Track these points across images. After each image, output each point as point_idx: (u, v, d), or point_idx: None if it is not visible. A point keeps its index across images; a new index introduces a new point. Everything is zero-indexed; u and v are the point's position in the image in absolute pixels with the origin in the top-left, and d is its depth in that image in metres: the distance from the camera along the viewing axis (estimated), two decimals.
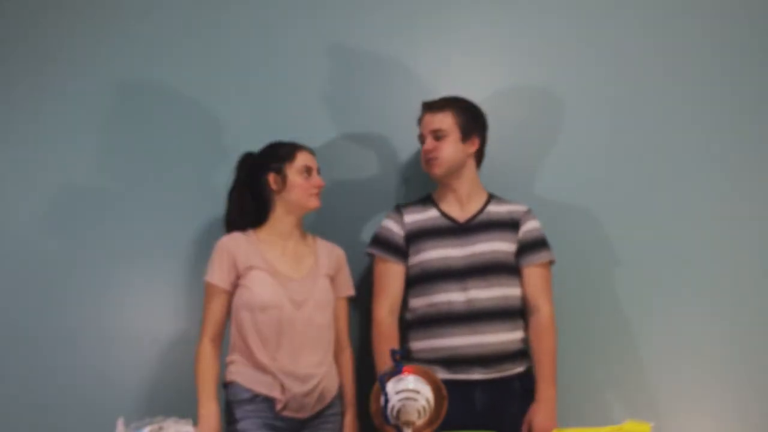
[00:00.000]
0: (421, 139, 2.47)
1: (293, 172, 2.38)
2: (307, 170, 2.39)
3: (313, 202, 2.40)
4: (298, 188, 2.38)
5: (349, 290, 2.49)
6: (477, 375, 2.34)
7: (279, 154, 2.40)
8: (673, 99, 2.77)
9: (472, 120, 2.46)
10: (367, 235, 2.58)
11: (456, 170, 2.44)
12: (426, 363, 2.25)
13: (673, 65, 2.78)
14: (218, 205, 2.65)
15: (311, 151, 2.44)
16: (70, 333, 2.62)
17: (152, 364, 2.63)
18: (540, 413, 2.32)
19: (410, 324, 2.44)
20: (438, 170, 2.43)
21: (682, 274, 2.69)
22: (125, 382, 2.61)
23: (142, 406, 2.55)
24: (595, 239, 2.71)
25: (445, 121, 2.42)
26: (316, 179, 2.41)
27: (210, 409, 2.24)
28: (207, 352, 2.30)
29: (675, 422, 2.61)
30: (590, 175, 2.74)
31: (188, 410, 2.20)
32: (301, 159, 2.39)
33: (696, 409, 2.64)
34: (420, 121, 2.49)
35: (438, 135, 2.42)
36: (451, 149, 2.42)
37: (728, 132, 2.75)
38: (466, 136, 2.44)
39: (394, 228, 2.46)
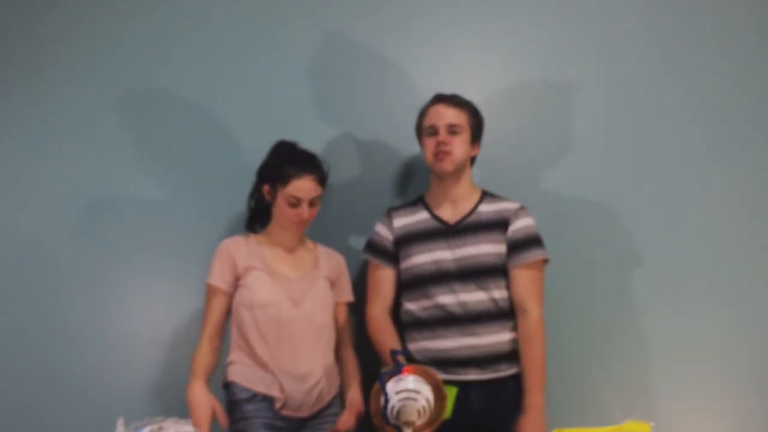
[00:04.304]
0: (431, 130, 2.40)
1: (281, 196, 2.33)
2: (296, 200, 2.31)
3: (295, 230, 2.38)
4: (281, 214, 2.36)
5: (349, 296, 2.50)
6: (472, 376, 2.33)
7: (277, 171, 2.34)
8: (674, 97, 2.77)
9: (479, 125, 2.46)
10: (363, 238, 2.59)
11: (461, 170, 2.42)
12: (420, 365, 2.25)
13: (674, 63, 2.78)
14: (221, 206, 2.66)
15: (316, 177, 2.32)
16: (70, 333, 2.62)
17: (152, 364, 2.63)
18: (529, 423, 2.28)
19: (406, 325, 2.44)
20: (450, 166, 2.38)
21: (683, 273, 2.69)
22: (125, 382, 2.61)
23: (142, 406, 2.55)
24: (596, 238, 2.71)
25: (462, 117, 2.40)
26: (302, 211, 2.32)
27: (194, 387, 2.23)
28: (203, 347, 2.31)
29: (675, 422, 2.61)
30: (591, 174, 2.74)
31: (188, 410, 2.20)
32: (293, 188, 2.30)
33: (696, 409, 2.64)
34: (426, 112, 2.44)
35: (454, 130, 2.38)
36: (463, 148, 2.39)
37: (731, 131, 2.75)
38: (474, 139, 2.44)
39: (383, 232, 2.47)
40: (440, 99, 2.44)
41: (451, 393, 2.12)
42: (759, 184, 2.73)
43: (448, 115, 2.40)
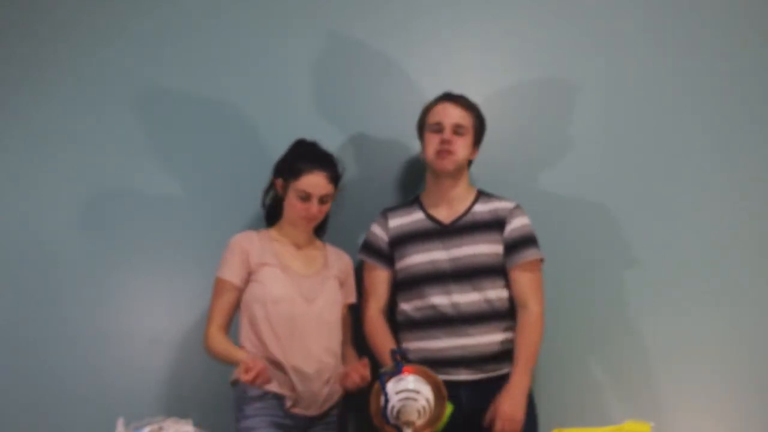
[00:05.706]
0: (436, 127, 2.40)
1: (292, 190, 2.34)
2: (306, 195, 2.32)
3: (302, 225, 2.38)
4: (291, 208, 2.37)
5: (354, 297, 2.50)
6: (463, 376, 2.33)
7: (291, 166, 2.36)
8: (674, 97, 2.77)
9: (483, 129, 2.47)
10: (360, 238, 2.58)
11: (460, 171, 2.42)
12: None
13: (674, 63, 2.78)
14: (220, 206, 2.66)
15: (328, 175, 2.34)
16: (70, 333, 2.62)
17: (152, 364, 2.63)
18: (507, 400, 2.25)
19: (400, 325, 2.45)
20: (450, 165, 2.39)
21: (683, 272, 2.69)
22: (125, 382, 2.61)
23: (142, 406, 2.55)
24: (596, 237, 2.70)
25: (468, 119, 2.41)
26: (310, 206, 2.33)
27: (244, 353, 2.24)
28: (215, 335, 2.29)
29: (675, 422, 2.61)
30: (591, 174, 2.73)
31: (188, 410, 2.20)
32: (304, 182, 2.32)
33: (696, 409, 2.64)
34: (432, 108, 2.43)
35: (459, 130, 2.39)
36: (466, 150, 2.40)
37: (731, 131, 2.75)
38: (476, 142, 2.45)
39: (378, 233, 2.48)
40: (449, 98, 2.44)
41: (447, 410, 2.11)
42: (759, 184, 2.73)
43: (455, 114, 2.40)
